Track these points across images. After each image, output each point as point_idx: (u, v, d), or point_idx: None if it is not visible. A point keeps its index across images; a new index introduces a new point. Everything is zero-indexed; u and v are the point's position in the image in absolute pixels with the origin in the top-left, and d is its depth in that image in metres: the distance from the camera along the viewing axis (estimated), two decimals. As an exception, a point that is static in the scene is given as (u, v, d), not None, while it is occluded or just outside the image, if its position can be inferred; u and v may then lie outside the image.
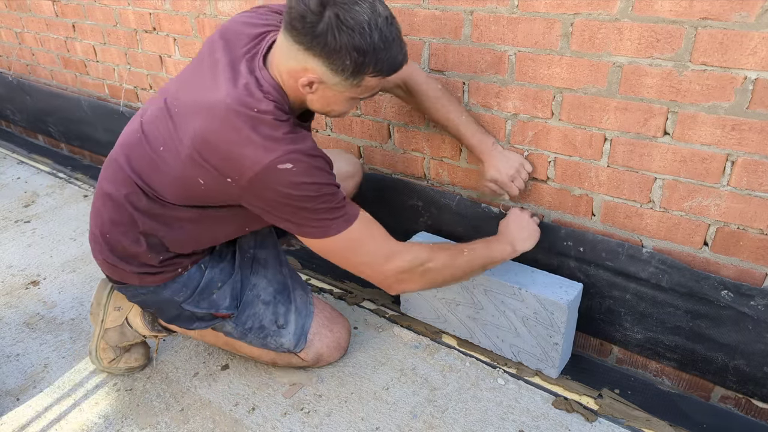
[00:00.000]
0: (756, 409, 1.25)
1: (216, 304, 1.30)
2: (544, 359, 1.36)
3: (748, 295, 1.14)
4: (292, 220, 1.08)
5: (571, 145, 1.26)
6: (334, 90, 1.03)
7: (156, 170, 1.11)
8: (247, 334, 1.34)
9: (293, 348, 1.36)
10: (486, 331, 1.44)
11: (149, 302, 1.31)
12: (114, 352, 1.41)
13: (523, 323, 1.35)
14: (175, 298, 1.27)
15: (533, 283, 1.32)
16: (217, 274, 1.31)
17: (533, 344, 1.36)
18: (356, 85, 1.02)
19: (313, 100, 1.07)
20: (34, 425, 1.31)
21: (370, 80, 1.01)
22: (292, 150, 1.00)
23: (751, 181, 1.08)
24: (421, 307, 1.56)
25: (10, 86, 2.91)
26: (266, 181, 1.01)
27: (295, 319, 1.37)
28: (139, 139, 1.14)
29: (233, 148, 1.00)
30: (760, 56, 0.99)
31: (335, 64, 0.97)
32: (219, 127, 1.01)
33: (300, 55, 0.99)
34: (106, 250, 1.23)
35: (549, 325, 1.31)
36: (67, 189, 2.49)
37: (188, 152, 1.04)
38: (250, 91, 1.02)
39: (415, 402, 1.33)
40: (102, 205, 1.21)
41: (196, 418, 1.31)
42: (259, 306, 1.34)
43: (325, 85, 1.02)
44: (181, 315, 1.31)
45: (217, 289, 1.30)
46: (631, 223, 1.26)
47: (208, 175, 1.05)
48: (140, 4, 2.04)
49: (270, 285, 1.37)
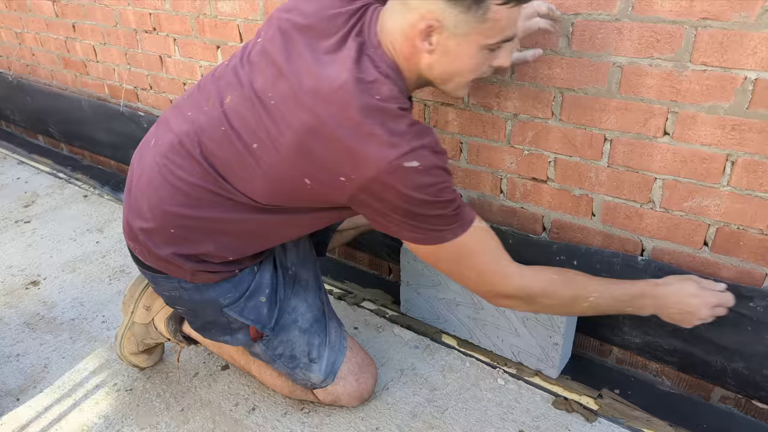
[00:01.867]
0: (756, 409, 1.25)
1: (260, 315, 1.19)
2: (544, 359, 1.36)
3: (747, 297, 1.14)
4: (405, 224, 0.95)
5: (571, 146, 1.26)
6: (457, 37, 0.88)
7: (245, 168, 0.99)
8: (275, 360, 1.24)
9: (319, 384, 1.25)
10: (486, 331, 1.44)
11: (185, 300, 1.19)
12: (137, 346, 1.40)
13: (523, 323, 1.35)
14: (220, 299, 1.17)
15: None
16: (266, 281, 1.20)
17: (533, 344, 1.36)
18: (482, 19, 0.86)
19: (432, 63, 0.93)
20: (34, 425, 1.31)
21: (497, 10, 0.86)
22: (418, 146, 0.88)
23: (751, 182, 1.08)
24: (421, 308, 1.56)
25: (10, 86, 2.91)
26: (388, 181, 0.89)
27: (328, 354, 1.25)
28: (224, 132, 1.00)
29: (353, 144, 0.87)
30: (761, 56, 0.99)
31: None
32: (334, 119, 0.88)
33: (415, 1, 0.87)
34: (163, 242, 1.09)
35: (549, 326, 1.31)
36: (67, 189, 2.49)
37: (293, 150, 0.92)
38: (366, 75, 0.89)
39: (415, 402, 1.33)
40: (169, 194, 1.05)
41: (196, 418, 1.31)
42: (294, 332, 1.23)
43: (446, 34, 0.88)
44: (216, 321, 1.20)
45: (264, 297, 1.20)
46: (631, 223, 1.26)
47: (316, 174, 0.93)
48: (140, 5, 2.04)
49: (309, 311, 1.25)
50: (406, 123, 0.89)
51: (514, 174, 1.39)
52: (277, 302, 1.21)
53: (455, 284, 1.43)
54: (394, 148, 0.87)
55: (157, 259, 1.12)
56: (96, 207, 2.32)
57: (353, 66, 0.89)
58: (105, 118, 2.44)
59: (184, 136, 1.04)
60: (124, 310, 1.41)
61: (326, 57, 0.92)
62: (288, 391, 1.32)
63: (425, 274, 1.49)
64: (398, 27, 0.91)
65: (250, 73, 1.00)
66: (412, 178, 0.88)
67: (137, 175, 1.12)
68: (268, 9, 1.65)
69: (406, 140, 0.87)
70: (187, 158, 1.03)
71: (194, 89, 1.11)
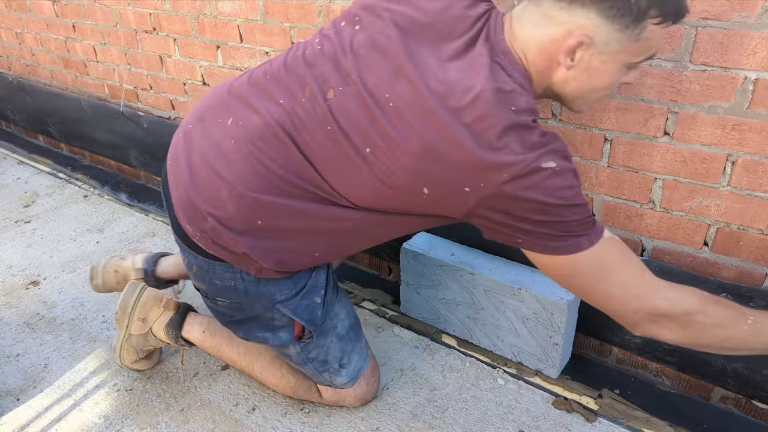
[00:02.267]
0: (756, 409, 1.25)
1: (314, 315, 1.16)
2: (544, 359, 1.36)
3: (747, 297, 1.14)
4: (538, 233, 0.88)
5: (571, 146, 1.26)
6: (604, 54, 0.83)
7: (352, 171, 0.92)
8: (307, 363, 1.22)
9: (341, 386, 1.26)
10: (486, 331, 1.44)
11: (238, 292, 1.11)
12: (137, 354, 1.40)
13: (523, 323, 1.35)
14: (276, 295, 1.11)
15: (533, 283, 1.32)
16: (321, 282, 1.17)
17: (533, 344, 1.36)
18: (636, 39, 0.81)
19: (568, 79, 0.88)
20: (34, 425, 1.31)
21: (652, 30, 0.81)
22: (552, 149, 0.83)
23: (751, 182, 1.08)
24: (421, 308, 1.56)
25: (10, 86, 2.91)
26: (521, 186, 0.83)
27: (356, 361, 1.25)
28: (330, 132, 0.92)
29: (486, 156, 0.82)
30: (761, 56, 0.99)
31: (615, 6, 0.78)
32: (468, 130, 0.82)
33: (562, 15, 0.81)
34: (243, 232, 1.01)
35: (549, 326, 1.31)
36: (67, 189, 2.49)
37: (417, 159, 0.86)
38: (504, 84, 0.84)
39: (415, 402, 1.32)
40: (259, 184, 0.97)
41: (196, 418, 1.31)
42: (331, 338, 1.20)
43: (592, 51, 0.83)
44: (260, 317, 1.15)
45: (319, 297, 1.17)
46: (631, 223, 1.26)
47: (438, 184, 0.87)
48: (140, 5, 2.04)
49: (348, 317, 1.23)
50: (539, 134, 0.85)
51: (514, 174, 1.39)
52: (325, 305, 1.18)
53: (455, 284, 1.43)
54: (530, 152, 0.82)
55: (226, 249, 1.04)
56: (96, 207, 2.32)
57: (489, 74, 0.84)
58: (105, 118, 2.44)
59: (276, 125, 0.95)
60: (117, 326, 1.38)
61: (453, 62, 0.86)
62: (291, 392, 1.32)
63: (425, 274, 1.49)
64: (536, 38, 0.86)
65: (356, 66, 0.91)
66: (549, 181, 0.83)
67: (201, 154, 1.02)
68: (268, 9, 1.65)
69: (539, 146, 0.83)
70: (281, 150, 0.95)
71: (279, 68, 1.00)
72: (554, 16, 0.83)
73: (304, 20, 1.59)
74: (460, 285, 1.43)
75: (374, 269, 1.84)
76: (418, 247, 1.49)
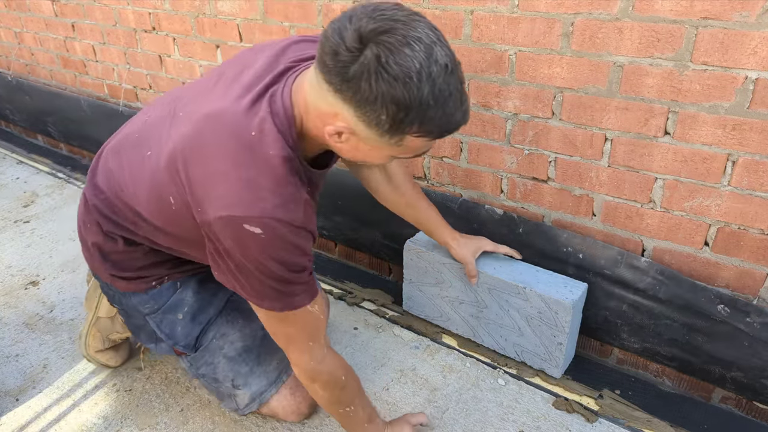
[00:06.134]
0: (757, 410, 1.25)
1: (174, 331, 1.21)
2: (548, 359, 1.36)
3: (743, 311, 1.14)
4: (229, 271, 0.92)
5: (572, 145, 1.26)
6: (368, 144, 0.83)
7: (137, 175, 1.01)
8: (199, 377, 1.25)
9: (243, 411, 1.25)
10: (489, 329, 1.44)
11: (113, 300, 1.24)
12: (103, 343, 1.40)
13: (527, 322, 1.35)
14: (139, 307, 1.20)
15: (538, 282, 1.32)
16: (188, 299, 1.21)
17: (537, 344, 1.36)
18: (395, 144, 0.81)
19: (342, 149, 0.87)
20: (33, 426, 1.30)
21: (413, 140, 0.80)
22: (270, 215, 0.84)
23: (752, 181, 1.08)
24: (424, 306, 1.56)
25: (10, 86, 2.90)
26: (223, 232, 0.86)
27: (257, 384, 1.23)
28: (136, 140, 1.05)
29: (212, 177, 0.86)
30: (761, 56, 0.98)
31: (368, 115, 0.77)
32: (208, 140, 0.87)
33: (329, 97, 0.79)
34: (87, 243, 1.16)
35: (553, 325, 1.30)
36: (67, 189, 2.49)
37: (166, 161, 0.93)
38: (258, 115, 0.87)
39: (415, 403, 1.32)
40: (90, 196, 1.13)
41: (195, 419, 1.30)
42: (219, 358, 1.22)
43: (357, 137, 0.82)
44: (143, 328, 1.24)
45: (182, 314, 1.21)
46: (631, 223, 1.26)
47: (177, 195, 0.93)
48: (140, 4, 2.03)
49: (241, 340, 1.24)
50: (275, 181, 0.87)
51: (514, 174, 1.39)
52: (200, 323, 1.22)
53: (459, 282, 1.43)
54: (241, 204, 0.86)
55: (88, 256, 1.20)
56: (95, 207, 2.31)
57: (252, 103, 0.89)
58: (104, 118, 2.43)
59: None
60: (87, 305, 1.40)
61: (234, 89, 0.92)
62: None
63: (429, 272, 1.49)
64: (312, 107, 0.85)
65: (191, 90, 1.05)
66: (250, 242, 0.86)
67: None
68: (268, 9, 1.65)
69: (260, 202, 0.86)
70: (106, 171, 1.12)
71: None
72: (324, 95, 0.80)
73: (304, 20, 1.58)
74: (464, 283, 1.42)
75: (374, 269, 1.84)
76: (422, 245, 1.48)
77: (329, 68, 0.76)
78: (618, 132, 1.19)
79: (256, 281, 0.90)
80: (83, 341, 1.41)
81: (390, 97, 0.73)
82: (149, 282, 1.18)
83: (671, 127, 1.12)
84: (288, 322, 0.97)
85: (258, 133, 0.86)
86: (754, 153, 1.06)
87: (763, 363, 1.15)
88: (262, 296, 0.93)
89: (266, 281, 0.89)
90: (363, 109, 0.76)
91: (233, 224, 0.84)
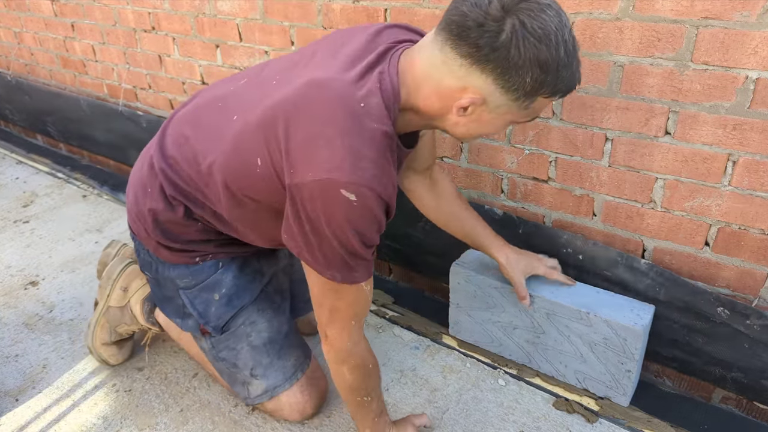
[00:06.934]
0: (757, 410, 1.25)
1: (207, 311, 1.21)
2: (614, 387, 1.26)
3: (743, 314, 1.14)
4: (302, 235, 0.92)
5: (572, 145, 1.26)
6: (495, 112, 0.86)
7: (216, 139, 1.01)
8: (218, 361, 1.26)
9: (253, 401, 1.26)
10: (547, 356, 1.34)
11: (147, 266, 1.24)
12: (110, 335, 1.41)
13: (591, 349, 1.25)
14: (177, 280, 1.20)
15: (601, 306, 1.22)
16: (227, 281, 1.21)
17: (602, 371, 1.26)
18: (525, 107, 0.85)
19: (459, 123, 0.89)
20: (33, 426, 1.30)
21: (541, 101, 0.86)
22: (368, 184, 0.84)
23: (752, 181, 1.08)
24: (473, 331, 1.46)
25: (9, 86, 2.90)
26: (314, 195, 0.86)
27: (274, 377, 1.24)
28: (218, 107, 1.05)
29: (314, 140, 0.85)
30: (762, 56, 0.98)
31: (511, 81, 0.80)
32: (315, 104, 0.87)
33: (462, 72, 0.82)
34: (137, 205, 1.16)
35: (621, 352, 1.21)
36: (66, 189, 2.48)
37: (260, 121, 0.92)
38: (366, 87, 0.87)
39: (415, 403, 1.32)
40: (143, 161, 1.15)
41: (195, 419, 1.30)
42: (243, 344, 1.23)
43: (485, 107, 0.85)
44: (173, 300, 1.24)
45: (219, 295, 1.21)
46: (632, 223, 1.26)
47: (267, 156, 0.91)
48: (139, 4, 2.03)
49: (268, 331, 1.24)
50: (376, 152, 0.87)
51: (514, 174, 1.39)
52: (234, 307, 1.22)
53: (512, 307, 1.34)
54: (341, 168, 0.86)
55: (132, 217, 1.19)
56: (95, 207, 2.31)
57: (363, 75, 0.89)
58: (104, 118, 2.43)
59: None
60: (100, 294, 1.42)
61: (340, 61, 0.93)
62: (228, 388, 1.34)
63: (479, 296, 1.39)
64: (431, 85, 0.87)
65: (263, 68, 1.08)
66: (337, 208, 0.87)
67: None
68: (268, 8, 1.65)
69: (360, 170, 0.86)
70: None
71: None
72: (455, 71, 0.83)
73: (304, 19, 1.58)
74: (518, 308, 1.32)
75: (374, 269, 1.84)
76: (471, 267, 1.38)
77: (471, 41, 0.79)
78: (618, 132, 1.19)
79: (328, 248, 0.90)
80: (91, 331, 1.41)
81: (536, 60, 0.78)
82: (194, 257, 1.18)
83: (672, 126, 1.12)
84: (341, 294, 0.98)
85: (366, 106, 0.86)
86: (755, 153, 1.05)
87: (762, 364, 1.15)
88: (329, 264, 0.93)
89: (338, 250, 0.90)
90: (507, 75, 0.80)
91: (331, 188, 0.84)
